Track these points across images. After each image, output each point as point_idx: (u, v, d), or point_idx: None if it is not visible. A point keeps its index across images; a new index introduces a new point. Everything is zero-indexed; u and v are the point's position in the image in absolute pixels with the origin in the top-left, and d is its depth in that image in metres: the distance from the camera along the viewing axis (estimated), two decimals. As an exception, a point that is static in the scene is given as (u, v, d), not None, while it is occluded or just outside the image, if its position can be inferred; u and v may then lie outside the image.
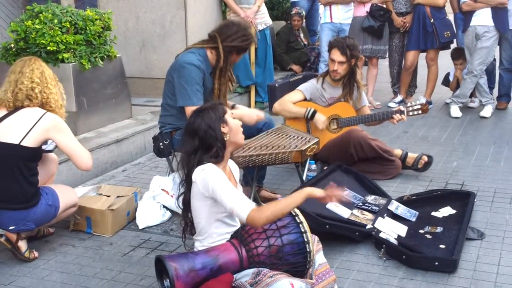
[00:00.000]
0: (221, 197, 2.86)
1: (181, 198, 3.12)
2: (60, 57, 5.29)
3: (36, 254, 3.74)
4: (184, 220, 3.15)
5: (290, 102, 5.11)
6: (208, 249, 2.94)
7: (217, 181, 2.90)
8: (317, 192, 2.97)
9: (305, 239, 2.89)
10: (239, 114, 4.25)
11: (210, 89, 4.25)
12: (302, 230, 2.91)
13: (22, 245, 3.66)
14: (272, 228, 2.91)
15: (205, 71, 4.17)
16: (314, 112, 5.01)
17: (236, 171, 3.29)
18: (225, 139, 3.04)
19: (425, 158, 5.14)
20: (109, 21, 5.81)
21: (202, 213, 2.98)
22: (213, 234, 2.99)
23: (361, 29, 7.45)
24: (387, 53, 7.81)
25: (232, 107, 4.30)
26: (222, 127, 3.04)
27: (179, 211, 4.21)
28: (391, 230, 3.93)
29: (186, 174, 3.04)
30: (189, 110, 4.09)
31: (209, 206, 2.94)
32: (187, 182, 3.05)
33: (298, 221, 2.93)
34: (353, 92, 5.22)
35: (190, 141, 3.04)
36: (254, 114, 4.28)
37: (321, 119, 5.02)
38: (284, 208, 2.87)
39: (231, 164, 3.26)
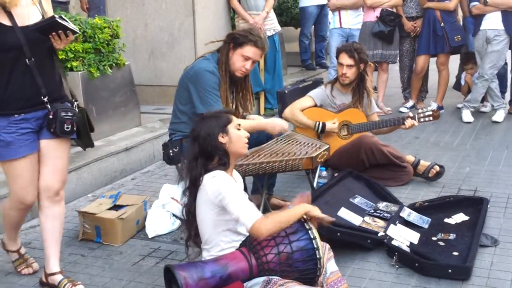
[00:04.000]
0: (229, 204, 2.84)
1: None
2: (69, 65, 5.28)
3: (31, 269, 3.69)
4: (188, 230, 3.12)
5: (300, 112, 5.09)
6: (217, 257, 2.91)
7: (228, 188, 2.88)
8: (314, 211, 2.94)
9: (315, 246, 2.86)
10: (264, 123, 4.21)
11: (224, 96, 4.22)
12: (312, 236, 2.88)
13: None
14: (281, 235, 2.88)
15: (220, 77, 4.14)
16: (324, 126, 4.99)
17: (240, 182, 3.26)
18: (226, 148, 3.02)
19: (437, 168, 5.09)
20: (117, 29, 5.81)
21: (208, 221, 2.95)
22: (220, 243, 2.96)
23: (371, 34, 7.42)
24: (398, 58, 7.77)
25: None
26: (221, 137, 3.02)
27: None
28: (403, 237, 3.89)
29: (190, 181, 3.01)
30: None
31: (216, 214, 2.91)
32: (191, 190, 3.02)
33: (307, 227, 2.90)
34: (363, 99, 5.19)
35: (192, 147, 3.03)
36: (278, 125, 4.24)
37: (332, 127, 5.01)
38: (285, 221, 2.84)
39: (235, 175, 3.23)
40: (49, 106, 3.24)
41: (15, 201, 3.38)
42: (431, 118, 5.04)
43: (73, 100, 3.39)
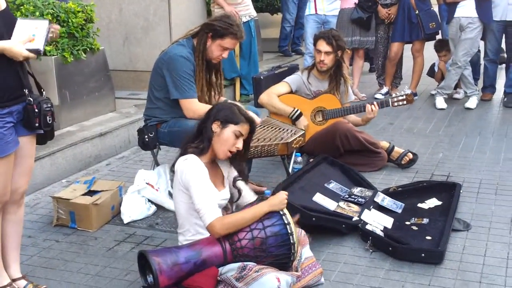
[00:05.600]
0: (193, 192, 2.86)
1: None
2: (42, 50, 5.21)
3: None
4: None
5: (277, 97, 5.09)
6: (192, 243, 2.92)
7: (195, 176, 2.88)
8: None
9: (289, 231, 2.89)
10: None
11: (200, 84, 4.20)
12: (286, 221, 2.90)
13: None
14: (255, 221, 2.90)
15: (195, 63, 4.13)
16: (300, 115, 5.00)
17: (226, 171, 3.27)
18: (211, 136, 3.02)
19: (410, 156, 5.15)
20: (91, 13, 5.74)
21: (182, 205, 2.96)
22: (195, 226, 2.98)
23: (349, 21, 7.44)
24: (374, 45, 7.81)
25: None
26: (216, 124, 3.03)
27: (164, 204, 4.22)
28: (377, 222, 3.92)
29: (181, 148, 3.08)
30: (185, 102, 4.05)
31: (188, 197, 2.92)
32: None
33: (281, 213, 2.93)
34: (339, 86, 5.21)
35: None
36: None
37: (304, 123, 5.02)
38: (245, 221, 2.89)
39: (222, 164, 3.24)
40: (31, 99, 2.93)
41: None
42: (405, 102, 5.09)
43: (42, 90, 3.08)
